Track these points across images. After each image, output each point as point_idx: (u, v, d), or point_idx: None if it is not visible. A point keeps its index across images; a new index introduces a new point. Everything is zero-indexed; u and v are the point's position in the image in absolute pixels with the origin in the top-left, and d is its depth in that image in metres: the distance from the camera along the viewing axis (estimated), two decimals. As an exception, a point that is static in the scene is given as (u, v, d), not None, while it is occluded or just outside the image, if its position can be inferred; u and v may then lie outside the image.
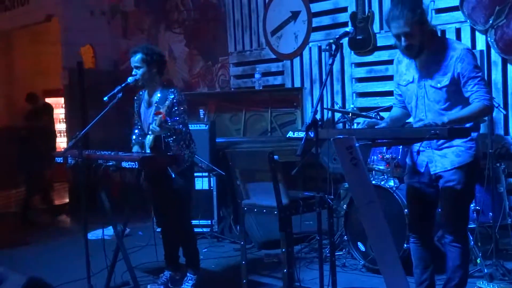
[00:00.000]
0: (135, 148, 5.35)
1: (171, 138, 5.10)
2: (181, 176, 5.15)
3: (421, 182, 4.08)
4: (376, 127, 4.02)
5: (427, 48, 3.89)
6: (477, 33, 6.29)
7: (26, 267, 6.41)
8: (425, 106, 3.96)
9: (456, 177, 3.90)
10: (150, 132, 5.03)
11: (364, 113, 6.41)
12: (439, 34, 4.08)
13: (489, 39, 6.14)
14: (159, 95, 5.19)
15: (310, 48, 7.80)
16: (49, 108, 12.43)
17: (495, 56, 6.18)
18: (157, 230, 5.73)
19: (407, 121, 4.35)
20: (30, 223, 8.91)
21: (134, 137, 5.46)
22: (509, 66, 6.13)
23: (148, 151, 5.17)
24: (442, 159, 3.94)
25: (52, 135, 12.08)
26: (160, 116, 4.82)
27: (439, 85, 3.87)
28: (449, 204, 3.96)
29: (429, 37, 3.90)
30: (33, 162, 9.29)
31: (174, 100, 5.04)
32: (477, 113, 3.81)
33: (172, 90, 5.17)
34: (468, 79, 3.80)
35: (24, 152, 9.39)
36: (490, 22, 6.07)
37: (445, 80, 3.85)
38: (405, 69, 4.09)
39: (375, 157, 5.85)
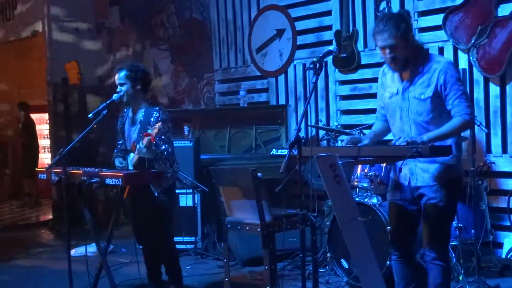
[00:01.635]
0: (118, 161, 5.33)
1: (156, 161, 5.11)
2: (163, 194, 5.15)
3: (403, 199, 4.11)
4: (359, 144, 4.06)
5: (411, 61, 3.95)
6: (459, 52, 6.36)
7: (8, 283, 6.37)
8: (409, 118, 4.00)
9: (438, 194, 3.93)
10: (136, 152, 5.01)
11: (348, 131, 6.46)
12: (424, 49, 4.13)
13: (471, 58, 6.20)
14: (143, 113, 5.20)
15: (294, 66, 7.83)
16: (30, 124, 12.46)
17: (477, 75, 6.24)
18: (139, 247, 5.71)
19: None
20: None
21: (115, 150, 5.46)
22: (491, 84, 6.19)
23: (131, 168, 5.17)
24: (424, 173, 3.97)
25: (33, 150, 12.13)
26: (149, 138, 4.81)
27: (422, 97, 3.92)
28: (431, 221, 3.99)
29: (413, 51, 3.96)
30: None
31: (159, 119, 5.05)
32: (457, 129, 3.87)
33: (157, 108, 5.19)
34: (450, 91, 3.86)
35: None
36: (472, 41, 6.13)
37: (429, 92, 3.90)
38: (390, 81, 4.14)
39: (358, 174, 5.88)
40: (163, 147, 5.07)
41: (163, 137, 5.07)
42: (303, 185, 3.98)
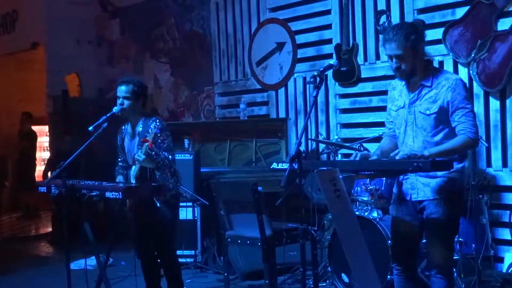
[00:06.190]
0: (119, 178, 5.32)
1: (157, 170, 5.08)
2: (166, 206, 5.11)
3: (406, 214, 4.09)
4: (369, 159, 4.03)
5: (419, 74, 3.94)
6: (459, 66, 6.36)
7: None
8: (413, 132, 3.98)
9: (440, 208, 3.91)
10: (136, 162, 5.00)
11: (348, 144, 6.45)
12: (434, 64, 4.11)
13: (471, 72, 6.21)
14: (141, 125, 5.20)
15: (295, 79, 7.84)
16: (33, 135, 12.46)
17: (477, 89, 6.24)
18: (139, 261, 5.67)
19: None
20: None
21: (117, 168, 5.44)
22: (490, 99, 6.20)
23: (133, 181, 5.15)
24: (425, 188, 3.95)
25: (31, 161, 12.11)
26: (146, 144, 4.79)
27: (428, 112, 3.91)
28: (433, 235, 3.97)
29: (422, 64, 3.96)
30: None
31: (157, 127, 5.03)
32: (460, 147, 3.85)
33: (154, 118, 5.20)
34: (456, 109, 3.84)
35: None
36: (472, 55, 6.15)
37: (434, 108, 3.88)
38: (397, 94, 4.12)
39: (358, 188, 5.87)
40: (164, 154, 5.06)
41: (165, 144, 5.06)
42: (303, 199, 3.97)
